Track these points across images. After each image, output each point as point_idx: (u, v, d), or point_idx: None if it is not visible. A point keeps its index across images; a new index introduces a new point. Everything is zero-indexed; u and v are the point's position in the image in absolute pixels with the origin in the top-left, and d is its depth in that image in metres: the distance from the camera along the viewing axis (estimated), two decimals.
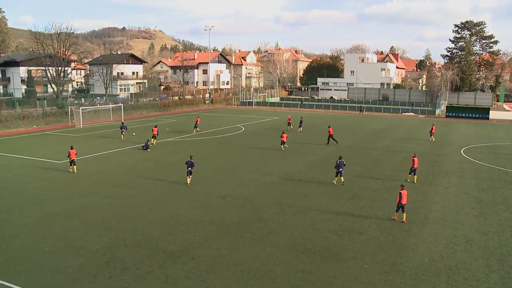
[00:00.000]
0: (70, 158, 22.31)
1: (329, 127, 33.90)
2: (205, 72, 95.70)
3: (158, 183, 20.20)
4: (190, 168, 19.63)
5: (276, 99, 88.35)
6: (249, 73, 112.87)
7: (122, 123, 35.70)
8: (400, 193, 15.43)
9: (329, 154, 28.51)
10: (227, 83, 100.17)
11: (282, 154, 28.11)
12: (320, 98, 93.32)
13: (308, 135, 37.95)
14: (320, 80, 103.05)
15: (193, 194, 18.42)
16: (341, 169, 20.20)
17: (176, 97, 73.89)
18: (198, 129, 40.07)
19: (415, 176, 21.16)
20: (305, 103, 76.25)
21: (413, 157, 21.30)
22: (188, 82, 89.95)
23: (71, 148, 22.80)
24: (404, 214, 15.55)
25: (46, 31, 55.11)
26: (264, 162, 25.51)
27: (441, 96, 74.11)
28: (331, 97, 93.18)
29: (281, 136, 30.25)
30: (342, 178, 20.29)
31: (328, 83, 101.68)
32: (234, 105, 78.12)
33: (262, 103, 77.97)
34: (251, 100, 78.37)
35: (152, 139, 31.61)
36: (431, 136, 36.11)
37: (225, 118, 53.92)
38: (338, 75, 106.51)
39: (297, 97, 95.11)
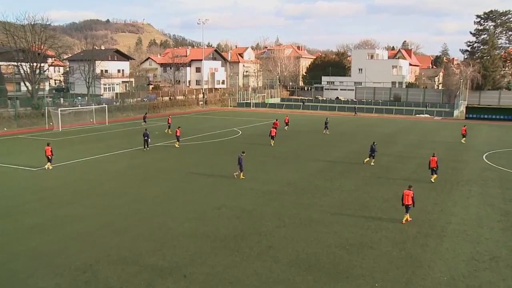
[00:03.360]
0: (46, 155, 24.29)
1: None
2: (198, 70, 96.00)
3: (147, 192, 20.19)
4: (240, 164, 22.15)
5: (277, 100, 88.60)
6: (246, 72, 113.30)
7: (146, 129, 34.74)
8: (404, 193, 16.49)
9: (334, 160, 28.56)
10: (223, 83, 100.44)
11: (283, 161, 28.16)
12: (324, 98, 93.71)
13: (311, 140, 38.05)
14: (324, 79, 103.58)
15: (185, 205, 18.41)
16: (373, 154, 26.37)
17: (167, 98, 74.08)
18: (170, 131, 40.16)
19: (435, 175, 22.47)
20: (308, 104, 76.58)
21: (432, 156, 22.48)
22: (179, 81, 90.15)
23: (47, 145, 24.94)
24: (406, 215, 16.30)
25: (17, 22, 54.45)
26: (263, 169, 25.53)
27: (460, 96, 74.18)
28: (337, 97, 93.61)
29: (270, 131, 33.02)
30: (372, 160, 26.52)
31: (333, 82, 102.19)
32: (231, 106, 78.30)
33: (261, 105, 78.18)
34: (249, 101, 78.60)
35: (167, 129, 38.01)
36: (463, 137, 36.82)
37: (220, 121, 53.95)
38: (344, 73, 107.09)
39: (300, 97, 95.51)
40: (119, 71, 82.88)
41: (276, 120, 42.49)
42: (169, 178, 23.14)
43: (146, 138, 32.79)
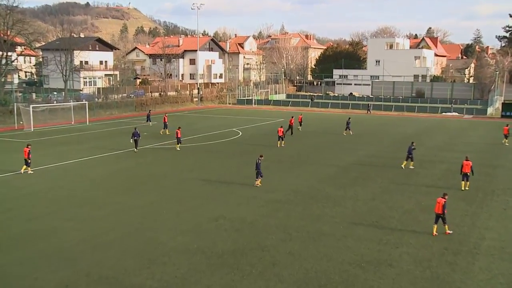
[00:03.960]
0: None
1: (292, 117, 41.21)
2: (192, 62, 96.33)
3: (133, 202, 20.25)
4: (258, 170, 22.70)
5: (282, 97, 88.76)
6: (248, 64, 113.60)
7: (135, 127, 35.04)
8: (437, 201, 16.85)
9: (348, 165, 28.61)
10: (220, 77, 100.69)
11: (289, 165, 28.22)
12: (336, 94, 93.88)
13: (321, 142, 38.10)
14: (336, 73, 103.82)
15: (177, 216, 18.46)
16: (411, 155, 27.18)
17: (156, 94, 74.32)
18: (167, 131, 40.60)
19: (467, 182, 22.61)
20: (318, 101, 76.76)
21: (465, 160, 22.77)
22: (171, 74, 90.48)
23: (27, 146, 25.74)
24: (435, 226, 16.59)
25: None
26: (267, 175, 25.58)
27: (495, 91, 73.54)
28: (351, 93, 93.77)
29: (278, 131, 34.07)
30: (411, 163, 27.55)
31: (346, 76, 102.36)
32: (229, 103, 78.44)
33: (264, 102, 78.31)
34: (250, 98, 78.80)
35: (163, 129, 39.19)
36: (505, 138, 37.10)
37: (218, 120, 54.07)
38: (359, 66, 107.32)
39: (308, 94, 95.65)
40: (101, 62, 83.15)
41: (292, 117, 42.65)
42: (159, 185, 23.20)
43: (135, 138, 32.91)
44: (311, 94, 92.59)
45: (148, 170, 26.80)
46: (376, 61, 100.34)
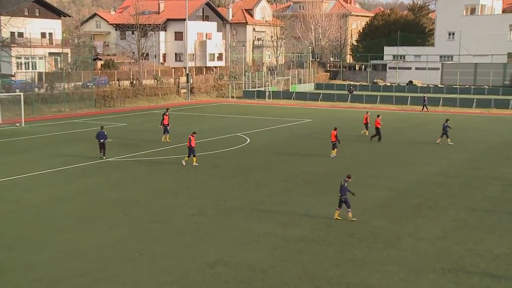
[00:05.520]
0: None
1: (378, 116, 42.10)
2: (179, 37, 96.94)
3: (89, 241, 20.20)
4: None
5: (309, 87, 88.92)
6: (259, 40, 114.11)
7: (101, 127, 35.51)
8: None
9: (405, 188, 28.35)
10: (220, 58, 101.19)
11: (319, 187, 28.09)
12: (388, 84, 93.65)
13: (366, 153, 37.94)
14: (389, 52, 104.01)
15: (155, 261, 18.37)
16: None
17: (127, 82, 74.75)
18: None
19: None
20: (360, 94, 76.70)
21: None
22: (147, 54, 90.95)
23: None
24: None
25: None
26: (285, 201, 25.46)
27: None
28: (410, 82, 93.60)
29: (332, 134, 35.56)
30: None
31: (404, 56, 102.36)
32: (232, 97, 78.72)
33: (283, 95, 78.42)
34: (262, 89, 78.93)
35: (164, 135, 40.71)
36: None
37: (215, 121, 54.15)
38: (423, 41, 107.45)
39: (346, 83, 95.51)
40: (43, 35, 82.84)
41: (379, 116, 42.11)
42: (128, 216, 23.16)
43: (102, 140, 33.39)
44: (351, 84, 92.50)
45: (113, 193, 26.78)
46: (449, 34, 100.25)
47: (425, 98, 64.32)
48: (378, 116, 41.96)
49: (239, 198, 26.04)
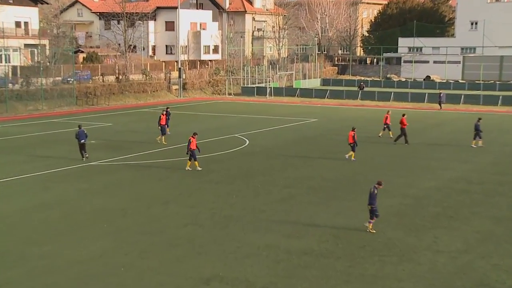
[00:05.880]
0: None
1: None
2: (170, 27, 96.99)
3: (69, 255, 20.11)
4: None
5: (315, 83, 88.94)
6: (259, 30, 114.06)
7: (79, 126, 35.72)
8: None
9: (422, 195, 28.30)
10: (215, 51, 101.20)
11: (327, 195, 28.05)
12: (403, 79, 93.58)
13: (380, 155, 37.95)
14: (404, 43, 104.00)
15: (143, 277, 18.34)
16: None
17: (112, 78, 74.65)
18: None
19: None
20: (371, 90, 76.73)
21: None
22: (135, 47, 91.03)
23: None
24: None
25: None
26: (288, 209, 25.44)
27: None
28: (427, 77, 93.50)
29: (348, 137, 35.38)
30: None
31: (421, 48, 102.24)
32: (229, 95, 78.61)
33: (286, 91, 78.40)
34: (262, 85, 78.98)
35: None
36: None
37: (210, 121, 54.08)
38: (442, 32, 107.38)
39: (357, 78, 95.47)
40: (18, 25, 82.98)
41: (404, 116, 42.11)
42: (112, 226, 23.11)
43: (83, 141, 33.58)
44: (361, 79, 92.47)
45: (97, 201, 26.71)
46: (472, 24, 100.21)
47: (441, 95, 63.99)
48: (403, 115, 41.83)
49: (237, 207, 25.97)
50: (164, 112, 42.46)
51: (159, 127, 41.41)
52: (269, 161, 35.84)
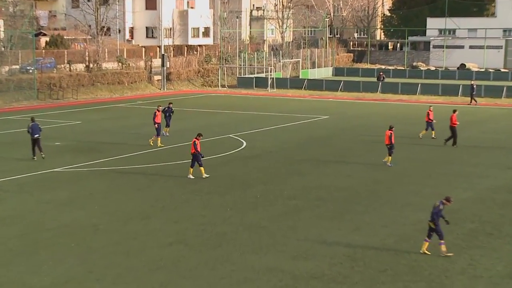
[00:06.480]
0: None
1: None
2: (151, 5, 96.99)
3: (30, 281, 19.99)
4: None
5: (325, 73, 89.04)
6: (258, 9, 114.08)
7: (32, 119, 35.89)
8: None
9: (456, 207, 28.15)
10: (206, 34, 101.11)
11: (341, 206, 28.08)
12: (433, 68, 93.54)
13: (407, 159, 37.98)
14: (433, 25, 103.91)
15: None
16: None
17: (81, 66, 74.55)
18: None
19: None
20: (393, 82, 76.77)
21: None
22: (109, 29, 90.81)
23: None
24: None
25: None
26: (295, 225, 25.47)
27: None
28: (462, 65, 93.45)
29: (386, 137, 35.58)
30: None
31: (454, 31, 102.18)
32: (224, 86, 78.70)
33: (291, 83, 78.47)
34: (263, 75, 79.05)
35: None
36: None
37: (200, 119, 54.15)
38: (480, 11, 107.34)
39: (376, 67, 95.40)
40: None
41: (455, 112, 42.52)
42: (82, 245, 23.01)
43: (36, 136, 34.02)
44: (381, 68, 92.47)
45: (63, 216, 26.64)
46: None
47: (474, 86, 64.22)
48: (454, 111, 42.12)
49: (232, 222, 25.90)
50: (160, 108, 42.05)
51: (155, 126, 41.13)
52: (270, 167, 35.84)
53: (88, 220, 25.99)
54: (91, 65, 74.69)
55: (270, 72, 79.30)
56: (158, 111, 41.52)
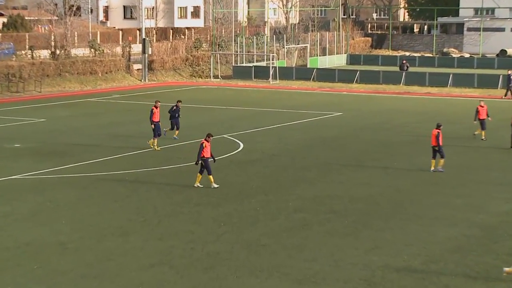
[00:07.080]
0: None
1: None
2: None
3: None
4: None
5: (338, 60, 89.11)
6: None
7: None
8: None
9: (494, 223, 28.31)
10: (195, 14, 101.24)
11: (354, 221, 28.07)
12: (467, 55, 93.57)
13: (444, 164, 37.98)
14: (468, 3, 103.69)
15: None
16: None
17: (46, 53, 74.47)
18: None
19: None
20: (420, 71, 76.92)
21: None
22: (79, 8, 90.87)
23: None
24: None
25: None
26: (302, 244, 25.50)
27: None
28: (503, 51, 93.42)
29: (432, 136, 36.18)
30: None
31: (493, 10, 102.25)
32: (217, 77, 78.75)
33: (297, 73, 78.37)
34: (263, 64, 79.03)
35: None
36: None
37: (189, 116, 54.12)
38: None
39: (398, 54, 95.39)
40: None
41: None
42: (47, 268, 23.01)
43: None
44: (405, 54, 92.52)
45: (23, 233, 26.61)
46: None
47: (511, 76, 63.70)
48: None
49: (226, 239, 25.91)
50: (159, 105, 42.04)
51: (152, 126, 41.41)
52: (272, 174, 35.91)
53: (54, 238, 25.96)
54: (57, 52, 74.58)
55: (272, 60, 79.30)
56: (156, 107, 41.59)
